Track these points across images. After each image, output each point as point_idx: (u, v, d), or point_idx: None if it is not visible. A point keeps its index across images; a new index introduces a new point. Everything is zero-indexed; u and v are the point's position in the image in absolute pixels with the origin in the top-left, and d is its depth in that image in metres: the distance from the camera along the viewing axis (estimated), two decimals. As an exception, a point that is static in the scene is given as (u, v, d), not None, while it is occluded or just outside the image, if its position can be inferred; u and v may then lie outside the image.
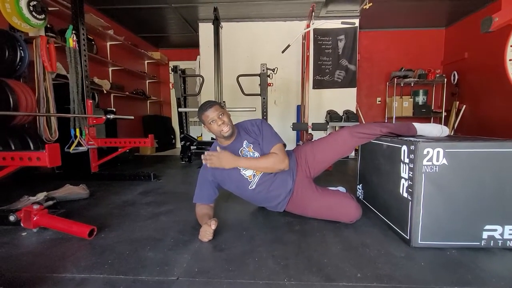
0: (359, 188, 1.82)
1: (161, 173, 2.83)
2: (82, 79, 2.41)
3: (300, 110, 3.77)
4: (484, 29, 1.52)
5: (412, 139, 1.20)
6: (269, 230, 1.35)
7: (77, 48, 2.37)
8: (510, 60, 1.38)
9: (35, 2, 2.30)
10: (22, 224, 1.29)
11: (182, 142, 3.62)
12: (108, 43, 4.15)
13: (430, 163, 1.09)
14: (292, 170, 1.46)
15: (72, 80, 2.34)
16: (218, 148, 1.39)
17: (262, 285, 0.89)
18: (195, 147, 3.63)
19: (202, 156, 1.37)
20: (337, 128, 4.09)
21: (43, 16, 2.40)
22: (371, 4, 2.80)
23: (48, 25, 2.82)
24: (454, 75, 4.45)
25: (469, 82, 4.23)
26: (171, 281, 0.91)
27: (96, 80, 3.59)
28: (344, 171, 2.96)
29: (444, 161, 1.09)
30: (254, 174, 1.41)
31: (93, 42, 3.53)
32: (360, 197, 1.80)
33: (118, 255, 1.09)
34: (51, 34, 2.83)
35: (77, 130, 2.37)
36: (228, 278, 0.92)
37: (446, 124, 4.62)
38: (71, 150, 2.32)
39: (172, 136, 5.70)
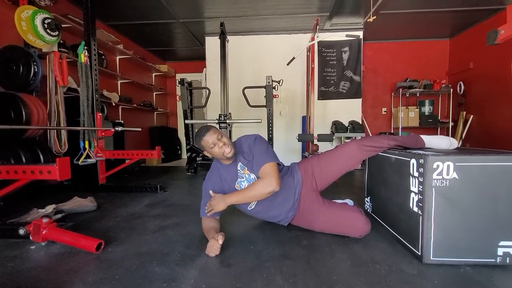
0: (367, 201, 1.80)
1: (167, 185, 2.84)
2: (93, 92, 2.48)
3: (306, 121, 3.78)
4: (490, 41, 1.52)
5: (421, 152, 1.19)
6: (276, 244, 1.33)
7: (88, 63, 2.44)
8: (518, 72, 1.37)
9: (49, 20, 2.40)
10: (31, 238, 1.30)
11: (188, 154, 3.65)
12: (118, 57, 4.27)
13: (440, 177, 1.08)
14: (296, 185, 1.45)
15: (82, 94, 2.40)
16: (210, 191, 1.40)
17: (271, 303, 0.87)
18: (201, 158, 3.65)
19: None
20: (342, 139, 4.08)
21: (56, 33, 2.50)
22: (374, 17, 2.84)
23: (61, 41, 2.93)
24: (460, 85, 4.43)
25: (475, 92, 4.21)
26: (179, 298, 0.90)
27: (105, 93, 3.68)
28: (350, 183, 2.93)
29: (455, 175, 1.07)
30: None
31: (103, 57, 3.64)
32: (368, 210, 1.77)
33: (125, 270, 1.09)
34: (64, 50, 2.93)
35: (86, 142, 2.41)
36: (236, 296, 0.91)
37: (453, 134, 4.57)
38: (80, 162, 2.35)
39: (178, 147, 5.75)
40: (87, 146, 2.40)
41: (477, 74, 4.13)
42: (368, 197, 1.78)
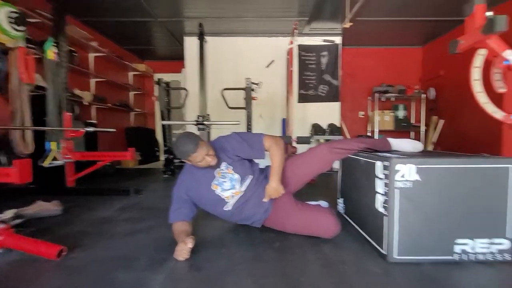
0: (340, 202, 1.84)
1: (142, 187, 2.75)
2: (61, 91, 2.35)
3: (285, 124, 3.82)
4: (452, 50, 1.62)
5: (386, 155, 1.24)
6: (249, 247, 1.33)
7: (57, 60, 2.32)
8: (475, 80, 1.47)
9: (16, 14, 2.26)
10: (-15, 245, 1.21)
11: (166, 155, 3.57)
12: (92, 55, 4.10)
13: (404, 178, 1.12)
14: None
15: (49, 93, 2.28)
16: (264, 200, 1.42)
17: (237, 306, 0.87)
18: (179, 160, 3.58)
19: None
20: (321, 141, 4.16)
21: (23, 27, 2.36)
22: (351, 24, 2.93)
23: (29, 37, 2.77)
24: (431, 91, 4.67)
25: (446, 98, 4.45)
26: (142, 305, 0.87)
27: (77, 91, 3.52)
28: (327, 184, 2.99)
29: (417, 177, 1.12)
30: (233, 195, 1.39)
31: (75, 54, 3.47)
32: (341, 211, 1.82)
33: (88, 277, 1.04)
34: (32, 46, 2.76)
35: (53, 143, 2.29)
36: (202, 300, 0.89)
37: (425, 138, 4.80)
38: (45, 164, 2.22)
39: (157, 149, 5.60)
40: (54, 147, 2.28)
41: (447, 81, 4.38)
42: (341, 199, 1.82)
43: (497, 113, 1.48)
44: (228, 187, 1.39)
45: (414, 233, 1.14)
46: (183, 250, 1.16)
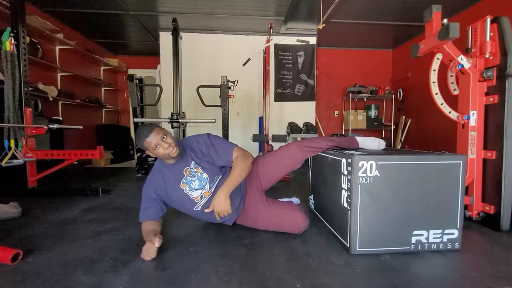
0: (311, 199, 1.89)
1: (112, 187, 2.65)
2: (20, 85, 2.20)
3: (262, 122, 3.84)
4: (413, 54, 1.72)
5: (350, 152, 1.29)
6: (218, 244, 1.33)
7: (15, 51, 2.16)
8: (433, 82, 1.57)
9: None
10: None
11: (139, 154, 3.46)
12: (57, 47, 3.86)
13: (365, 174, 1.18)
14: (242, 185, 1.47)
15: (7, 87, 2.12)
16: (205, 210, 1.34)
17: (200, 303, 0.87)
18: (153, 158, 3.48)
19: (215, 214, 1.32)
20: (298, 139, 4.24)
21: (-25, 14, 2.17)
22: (324, 25, 3.01)
23: (-17, 25, 2.56)
24: (400, 92, 4.92)
25: (412, 99, 4.72)
26: (101, 307, 0.84)
27: (40, 86, 3.30)
28: (302, 182, 3.05)
29: (377, 173, 1.18)
30: (202, 196, 1.38)
31: (38, 46, 3.26)
32: (311, 207, 1.87)
33: (44, 281, 0.98)
34: (-14, 35, 2.55)
35: (12, 141, 2.14)
36: (165, 299, 0.88)
37: (394, 136, 5.05)
38: (3, 163, 2.07)
39: (131, 147, 5.41)
40: (12, 145, 2.13)
41: (414, 83, 4.64)
42: (312, 195, 1.87)
43: (452, 114, 1.59)
44: (197, 186, 1.38)
45: (375, 226, 1.20)
46: (150, 249, 1.14)
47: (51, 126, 2.28)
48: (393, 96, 5.06)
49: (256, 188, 1.52)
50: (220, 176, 1.42)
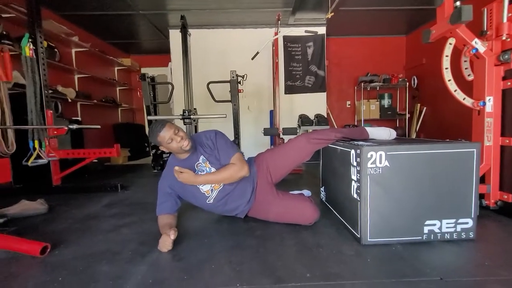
0: (322, 191, 1.90)
1: (130, 183, 2.77)
2: (41, 88, 2.32)
3: (273, 115, 3.85)
4: (424, 40, 1.66)
5: (360, 143, 1.29)
6: (230, 236, 1.37)
7: (34, 56, 2.27)
8: (446, 68, 1.52)
9: (-13, 9, 2.19)
10: (-34, 245, 1.21)
11: (154, 150, 3.56)
12: (73, 50, 4.01)
13: (374, 165, 1.18)
14: (253, 178, 1.50)
15: (29, 90, 2.24)
16: (176, 167, 1.36)
17: (214, 291, 0.91)
18: (168, 154, 3.58)
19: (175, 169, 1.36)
20: (309, 131, 4.21)
21: (-4, 23, 2.29)
22: (332, 14, 2.95)
23: (4, 32, 2.69)
24: (414, 79, 4.75)
25: (427, 86, 4.55)
26: (122, 295, 0.91)
27: (60, 88, 3.45)
28: (315, 174, 3.05)
29: (387, 163, 1.18)
30: (212, 189, 1.43)
31: (55, 49, 3.39)
32: (322, 199, 1.88)
33: (71, 271, 1.06)
34: (7, 42, 2.69)
35: (36, 142, 2.27)
36: (181, 287, 0.94)
37: (409, 125, 4.91)
38: (29, 163, 2.21)
39: (146, 144, 5.56)
40: (37, 145, 2.26)
41: (429, 69, 4.47)
42: (323, 187, 1.88)
43: (466, 100, 1.54)
44: None
45: (385, 217, 1.20)
46: (166, 242, 1.20)
47: (70, 126, 2.40)
48: (407, 83, 4.89)
49: (266, 181, 1.55)
50: None
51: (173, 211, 1.46)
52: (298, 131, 3.69)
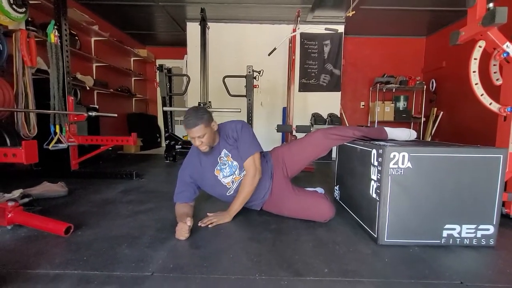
0: (336, 189, 1.90)
1: (144, 172, 2.82)
2: (64, 75, 2.37)
3: (286, 112, 3.84)
4: (452, 41, 1.63)
5: (381, 143, 1.28)
6: (246, 228, 1.39)
7: (59, 43, 2.33)
8: (474, 72, 1.48)
9: (15, -5, 2.25)
10: (-5, 221, 1.27)
11: (167, 141, 3.61)
12: (93, 39, 4.08)
13: (396, 166, 1.17)
14: (270, 171, 1.51)
15: (53, 76, 2.30)
16: (206, 220, 1.40)
17: (234, 280, 0.93)
18: (180, 146, 3.63)
19: (203, 222, 1.39)
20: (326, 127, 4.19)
21: (23, 9, 2.35)
22: (354, 12, 2.90)
23: (29, 19, 2.76)
24: (432, 82, 4.65)
25: (446, 90, 4.44)
26: (146, 277, 0.93)
27: (79, 76, 3.53)
28: (326, 173, 3.04)
29: (409, 164, 1.17)
30: (233, 181, 1.46)
31: (76, 37, 3.46)
32: (336, 198, 1.87)
33: (94, 252, 1.10)
34: (32, 28, 2.76)
35: (57, 126, 2.33)
36: (201, 274, 0.96)
37: (424, 129, 4.82)
38: (50, 147, 2.27)
39: (158, 135, 5.65)
40: (58, 130, 2.32)
41: (448, 73, 4.36)
42: (337, 186, 1.87)
43: (493, 105, 1.51)
44: (228, 173, 1.45)
45: (404, 218, 1.19)
46: (183, 229, 1.23)
47: (90, 113, 2.45)
48: (425, 87, 4.79)
49: (282, 175, 1.55)
50: None
51: (191, 200, 1.49)
52: (311, 129, 3.67)
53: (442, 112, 4.49)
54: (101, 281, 0.91)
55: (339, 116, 4.39)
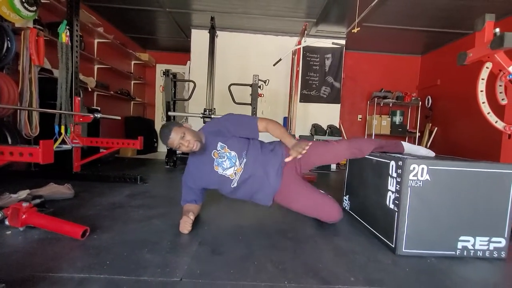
0: (345, 199, 1.92)
1: (146, 177, 2.77)
2: (72, 75, 2.35)
3: (287, 122, 3.89)
4: (460, 62, 1.72)
5: (400, 155, 1.32)
6: (264, 236, 1.39)
7: (69, 43, 2.31)
8: (481, 91, 1.57)
9: (28, -6, 2.23)
10: (7, 222, 1.22)
11: (169, 147, 3.57)
12: (96, 40, 4.05)
13: (416, 178, 1.21)
14: (279, 158, 1.52)
15: (61, 76, 2.27)
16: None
17: (264, 287, 0.93)
18: (181, 152, 3.59)
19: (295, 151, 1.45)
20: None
21: (34, 8, 2.33)
22: (359, 29, 3.02)
23: (37, 17, 2.73)
24: (428, 99, 4.83)
25: (441, 107, 4.62)
26: (175, 282, 0.92)
27: (81, 77, 3.48)
28: (327, 183, 3.08)
29: (428, 177, 1.21)
30: (235, 172, 1.46)
31: (81, 38, 3.43)
32: (346, 208, 1.90)
33: (116, 256, 1.08)
34: (39, 27, 2.72)
35: (62, 127, 2.28)
36: (231, 280, 0.95)
37: (419, 144, 4.97)
38: (54, 148, 2.21)
39: (155, 140, 5.58)
40: (62, 131, 2.27)
41: (443, 91, 4.55)
42: (347, 196, 1.90)
43: (498, 123, 1.59)
44: (228, 165, 1.46)
45: (421, 229, 1.23)
46: (186, 222, 1.30)
47: (96, 115, 2.42)
48: (420, 103, 4.97)
49: (295, 171, 1.57)
50: (246, 150, 1.48)
51: (197, 203, 1.54)
52: (313, 140, 3.73)
53: (436, 128, 4.66)
54: (130, 286, 0.89)
55: (338, 127, 4.48)
